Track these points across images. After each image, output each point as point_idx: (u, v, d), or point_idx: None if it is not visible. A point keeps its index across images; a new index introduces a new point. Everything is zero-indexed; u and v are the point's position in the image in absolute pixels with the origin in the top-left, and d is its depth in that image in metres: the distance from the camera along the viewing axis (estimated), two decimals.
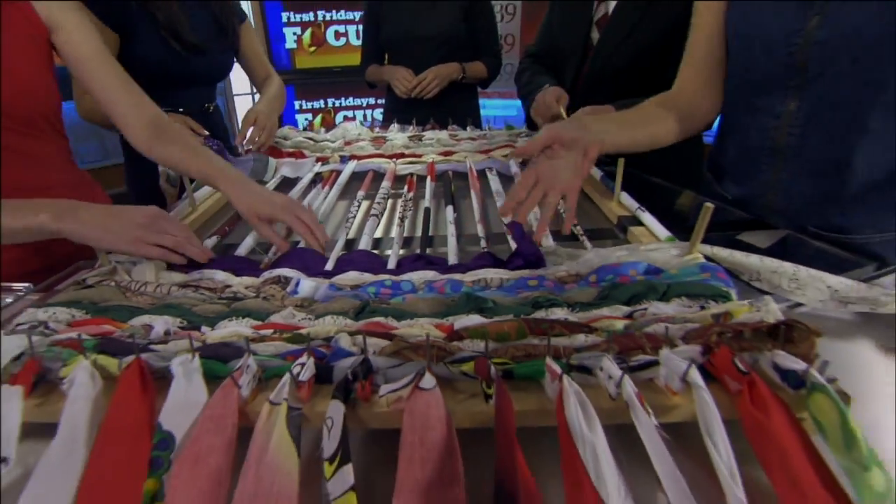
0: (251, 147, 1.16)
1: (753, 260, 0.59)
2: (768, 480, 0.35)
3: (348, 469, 0.34)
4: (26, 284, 0.72)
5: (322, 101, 4.35)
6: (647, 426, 0.37)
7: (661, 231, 0.72)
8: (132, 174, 1.33)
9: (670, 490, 0.34)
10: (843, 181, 0.79)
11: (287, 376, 0.39)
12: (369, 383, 0.40)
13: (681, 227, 0.72)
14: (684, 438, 0.39)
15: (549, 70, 1.32)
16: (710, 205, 0.60)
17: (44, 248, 0.78)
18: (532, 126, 1.31)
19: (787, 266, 0.57)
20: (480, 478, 0.36)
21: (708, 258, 0.61)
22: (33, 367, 0.43)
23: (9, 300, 0.67)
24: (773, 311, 0.47)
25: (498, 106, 4.16)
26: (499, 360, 0.41)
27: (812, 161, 0.81)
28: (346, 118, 4.58)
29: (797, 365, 0.40)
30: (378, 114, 4.26)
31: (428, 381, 0.38)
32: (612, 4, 1.18)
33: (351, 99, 4.54)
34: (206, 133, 1.12)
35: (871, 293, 0.53)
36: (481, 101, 1.89)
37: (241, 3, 1.38)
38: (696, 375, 0.38)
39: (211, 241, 0.75)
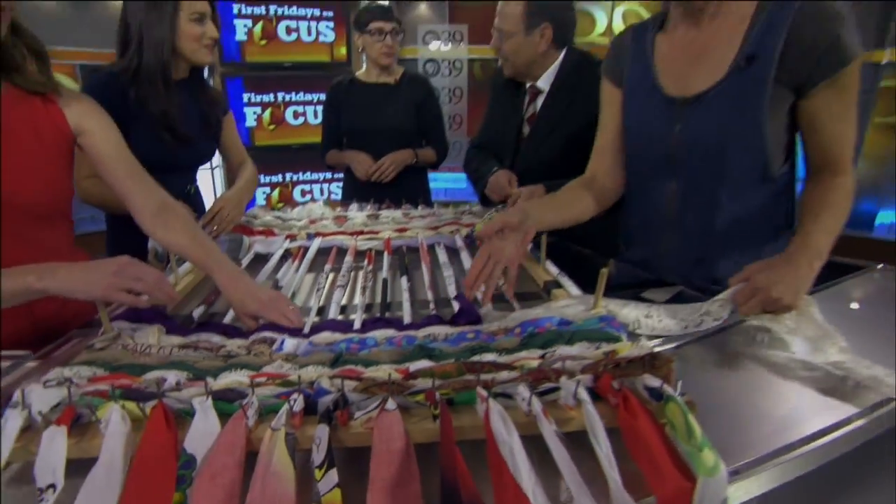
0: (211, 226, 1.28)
1: (629, 311, 0.78)
2: (638, 468, 0.49)
3: (333, 472, 0.47)
4: (25, 352, 0.80)
5: (272, 95, 4.44)
6: (550, 433, 0.51)
7: (576, 292, 0.90)
8: (114, 244, 1.42)
9: (568, 478, 0.48)
10: (711, 244, 1.02)
11: (285, 407, 0.52)
12: (346, 412, 0.54)
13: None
14: (579, 442, 0.54)
15: (493, 157, 1.56)
16: (605, 270, 0.78)
17: (31, 320, 0.87)
18: (486, 202, 1.53)
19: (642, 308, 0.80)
20: (432, 478, 0.49)
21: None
22: (71, 412, 0.54)
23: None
24: (644, 347, 0.64)
25: (448, 179, 4.47)
26: (443, 391, 0.56)
27: (690, 229, 1.03)
28: (303, 192, 4.76)
29: (656, 383, 0.56)
30: (335, 188, 4.47)
31: (391, 404, 0.52)
32: (540, 102, 1.44)
33: (308, 173, 4.74)
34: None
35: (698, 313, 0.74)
36: (434, 175, 2.12)
37: None
38: (583, 392, 0.54)
39: (199, 310, 0.87)
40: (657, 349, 0.75)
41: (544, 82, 1.42)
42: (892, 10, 4.14)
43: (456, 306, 0.84)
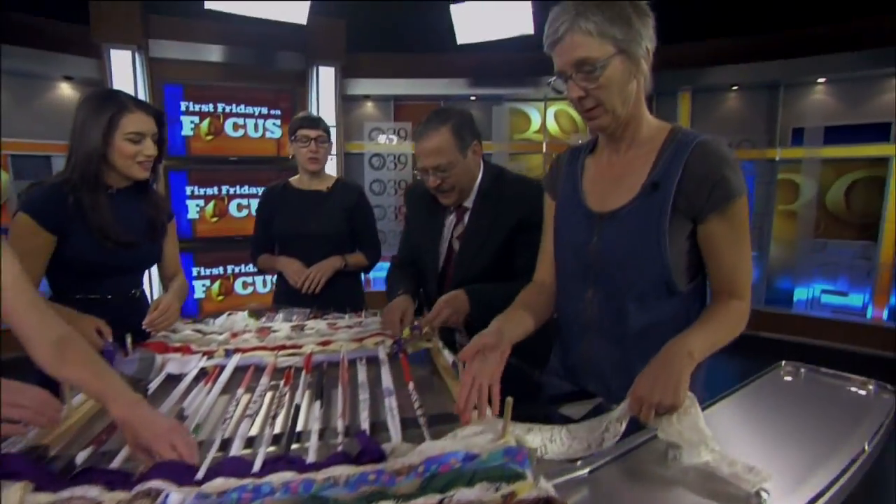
0: (151, 330, 1.32)
1: (533, 436, 0.80)
2: None
3: None
4: None
5: (215, 188, 4.47)
6: None
7: (488, 413, 0.90)
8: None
9: None
10: (625, 350, 1.07)
11: None
12: None
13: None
14: None
15: (412, 276, 1.57)
16: (510, 399, 0.79)
17: None
18: None
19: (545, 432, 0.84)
20: None
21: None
22: None
23: None
24: (543, 488, 0.64)
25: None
26: None
27: (606, 334, 1.09)
28: (244, 284, 4.66)
29: None
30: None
31: None
32: (467, 219, 1.49)
33: (250, 266, 4.66)
34: (110, 340, 1.22)
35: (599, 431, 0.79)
36: (381, 264, 2.11)
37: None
38: None
39: (84, 454, 0.80)
40: (568, 476, 0.76)
41: (469, 200, 1.48)
42: (775, 114, 4.74)
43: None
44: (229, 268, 4.60)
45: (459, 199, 1.47)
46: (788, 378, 1.17)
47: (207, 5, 3.76)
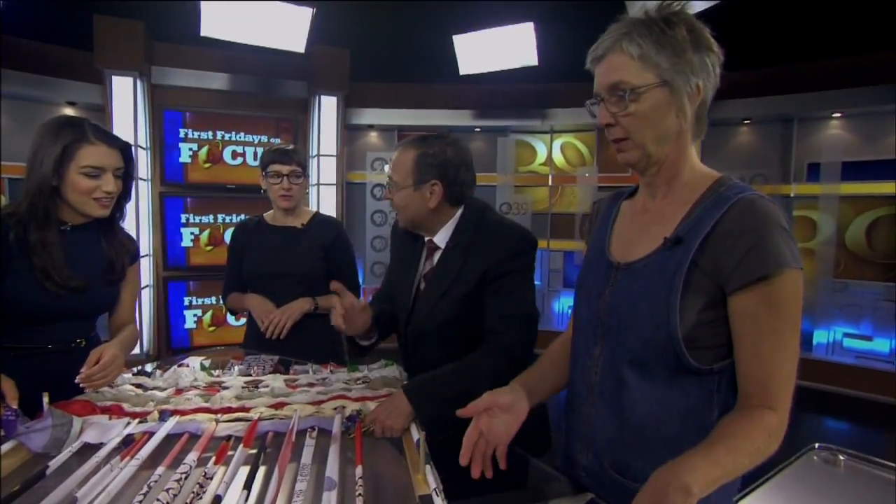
0: (86, 386, 1.14)
1: None
2: None
3: None
4: None
5: (211, 217, 4.42)
6: None
7: None
8: None
9: None
10: (622, 425, 0.89)
11: None
12: None
13: None
14: None
15: (381, 309, 1.43)
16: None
17: None
18: None
19: None
20: None
21: None
22: None
23: None
24: None
25: None
26: None
27: (606, 401, 0.91)
28: (237, 315, 4.50)
29: None
30: None
31: None
32: (437, 256, 1.34)
33: None
34: (14, 405, 1.02)
35: None
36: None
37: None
38: None
39: None
40: None
41: (441, 238, 1.33)
42: (789, 148, 4.58)
43: None
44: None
45: (407, 226, 1.37)
46: (820, 466, 0.98)
47: (204, 32, 3.73)
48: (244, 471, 0.87)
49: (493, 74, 4.48)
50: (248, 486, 0.81)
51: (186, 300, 4.41)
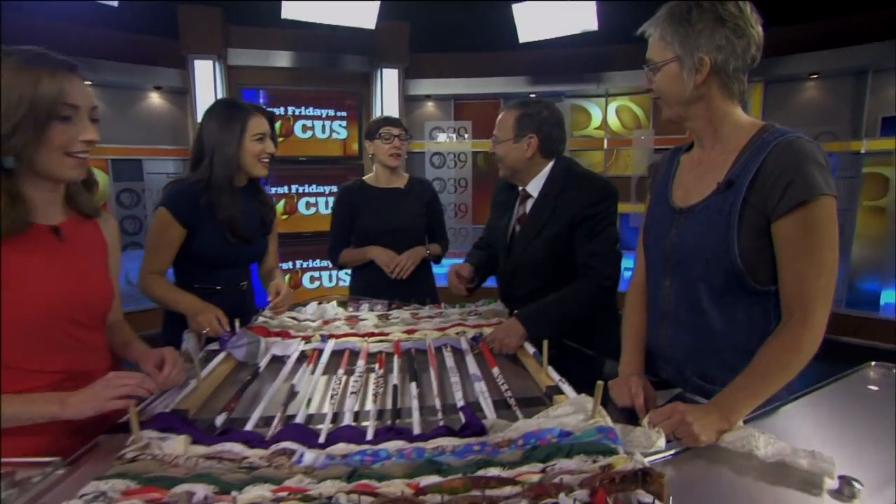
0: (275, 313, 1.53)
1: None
2: None
3: None
4: (55, 458, 0.85)
5: (286, 188, 4.73)
6: None
7: (573, 395, 0.95)
8: (168, 332, 1.56)
9: None
10: (698, 340, 1.09)
11: None
12: None
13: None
14: None
15: (482, 253, 1.77)
16: (600, 383, 0.84)
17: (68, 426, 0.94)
18: None
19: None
20: None
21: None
22: None
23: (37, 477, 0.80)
24: (639, 461, 0.69)
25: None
26: None
27: (681, 322, 1.12)
28: (312, 278, 4.89)
29: (648, 499, 0.61)
30: (343, 274, 4.58)
31: None
32: (529, 205, 1.57)
33: (318, 261, 4.88)
34: (228, 329, 1.34)
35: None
36: (446, 260, 2.25)
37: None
38: None
39: (221, 418, 0.92)
40: (655, 458, 0.80)
41: (533, 188, 1.58)
42: (861, 103, 4.44)
43: (463, 417, 0.89)
44: (298, 262, 4.85)
45: (506, 175, 1.63)
46: (875, 380, 1.14)
47: (284, 14, 3.98)
48: (404, 373, 1.14)
49: (551, 41, 4.54)
50: (413, 378, 1.07)
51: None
